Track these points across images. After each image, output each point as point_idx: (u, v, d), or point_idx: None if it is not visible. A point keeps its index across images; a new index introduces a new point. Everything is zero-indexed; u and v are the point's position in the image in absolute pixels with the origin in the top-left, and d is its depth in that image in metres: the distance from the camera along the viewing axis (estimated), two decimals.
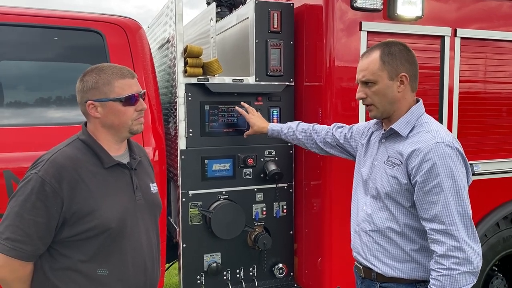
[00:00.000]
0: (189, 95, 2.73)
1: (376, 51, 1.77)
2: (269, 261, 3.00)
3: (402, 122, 1.77)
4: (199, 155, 2.78)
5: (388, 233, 1.79)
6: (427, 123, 1.75)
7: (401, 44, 1.80)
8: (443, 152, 1.62)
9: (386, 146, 1.84)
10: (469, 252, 1.58)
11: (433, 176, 1.61)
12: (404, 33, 2.81)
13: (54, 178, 1.53)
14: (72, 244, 1.59)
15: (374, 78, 1.76)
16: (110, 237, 1.62)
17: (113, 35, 2.67)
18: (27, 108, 2.51)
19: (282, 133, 2.57)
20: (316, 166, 2.88)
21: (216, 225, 2.74)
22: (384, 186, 1.79)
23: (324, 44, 2.75)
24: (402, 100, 1.78)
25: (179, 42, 2.69)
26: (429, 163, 1.62)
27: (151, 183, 1.85)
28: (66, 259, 1.60)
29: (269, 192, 2.96)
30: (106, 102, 1.64)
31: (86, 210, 1.57)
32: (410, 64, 1.77)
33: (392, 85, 1.75)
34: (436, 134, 1.68)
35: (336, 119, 2.73)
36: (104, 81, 1.64)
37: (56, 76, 2.60)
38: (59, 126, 2.43)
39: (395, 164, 1.75)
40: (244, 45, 3.02)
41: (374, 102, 1.79)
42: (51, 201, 1.52)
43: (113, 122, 1.67)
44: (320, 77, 2.81)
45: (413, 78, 1.79)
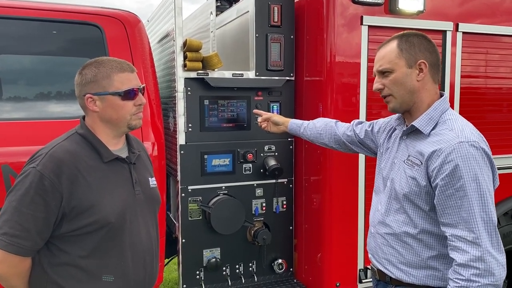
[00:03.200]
0: (188, 90, 2.71)
1: (394, 40, 1.69)
2: (268, 257, 2.99)
3: (424, 118, 1.64)
4: (199, 150, 2.76)
5: (404, 237, 1.69)
6: (450, 120, 1.62)
7: (421, 34, 1.71)
8: (466, 153, 1.50)
9: (407, 143, 1.73)
10: (492, 263, 1.46)
11: (456, 179, 1.50)
12: (405, 27, 2.74)
13: (53, 173, 1.51)
14: (72, 239, 1.58)
15: (391, 67, 1.66)
16: (110, 232, 1.60)
17: (112, 29, 2.63)
18: (24, 102, 2.48)
19: (302, 127, 2.44)
20: (316, 161, 2.86)
21: (215, 220, 2.72)
22: (403, 187, 1.68)
23: (325, 38, 2.73)
24: (423, 91, 1.66)
25: (179, 36, 2.66)
26: (451, 164, 1.50)
27: (150, 177, 1.83)
28: (65, 254, 1.59)
29: (269, 188, 2.94)
30: (105, 96, 1.62)
31: (86, 205, 1.55)
32: (430, 52, 1.67)
33: (411, 73, 1.64)
34: (460, 133, 1.55)
35: (337, 115, 2.71)
36: (103, 74, 1.62)
37: (53, 70, 2.57)
38: (57, 121, 2.41)
39: (415, 164, 1.64)
40: (244, 39, 3.00)
41: (392, 92, 1.68)
42: (50, 196, 1.51)
43: (111, 117, 1.65)
44: (320, 72, 2.79)
45: (434, 68, 1.67)
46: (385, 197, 1.79)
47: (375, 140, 2.09)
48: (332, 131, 2.31)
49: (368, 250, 1.95)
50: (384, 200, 1.80)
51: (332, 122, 2.36)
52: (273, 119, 2.56)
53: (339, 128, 2.29)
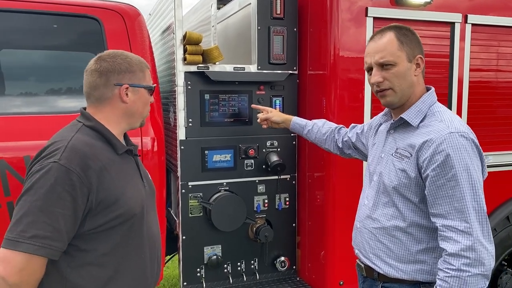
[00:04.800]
0: (188, 84, 2.66)
1: (390, 32, 1.65)
2: (271, 254, 2.95)
3: (413, 111, 1.64)
4: (199, 146, 2.71)
5: (393, 231, 1.68)
6: (439, 112, 1.62)
7: (409, 28, 1.70)
8: (457, 143, 1.50)
9: (395, 137, 1.72)
10: (482, 253, 1.45)
11: (448, 168, 1.49)
12: (412, 19, 2.71)
13: (79, 167, 1.42)
14: (94, 236, 1.49)
15: (394, 59, 1.62)
16: (133, 225, 1.57)
17: (111, 22, 2.59)
18: (21, 96, 2.44)
19: (305, 129, 2.39)
20: (319, 157, 2.80)
21: (216, 217, 2.68)
22: (392, 180, 1.67)
23: (329, 31, 2.66)
24: (417, 85, 1.67)
25: (178, 29, 2.61)
26: (442, 154, 1.50)
27: (147, 169, 1.85)
28: (86, 254, 1.49)
29: (271, 184, 2.89)
30: (139, 89, 1.62)
31: (112, 198, 1.49)
32: (421, 48, 1.68)
33: (411, 67, 1.64)
34: (450, 124, 1.55)
35: (341, 110, 2.66)
36: (138, 67, 1.62)
37: (50, 64, 2.53)
38: (54, 115, 2.37)
39: (404, 156, 1.63)
40: (246, 32, 2.94)
41: (393, 86, 1.64)
42: (77, 192, 1.41)
43: (138, 110, 1.65)
44: (324, 65, 2.73)
45: (424, 62, 1.69)
46: (372, 191, 1.78)
47: (365, 141, 2.07)
48: (335, 138, 2.31)
49: (354, 245, 1.92)
50: (371, 194, 1.78)
51: (335, 128, 2.34)
52: (273, 120, 2.50)
53: (340, 135, 2.29)
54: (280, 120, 2.49)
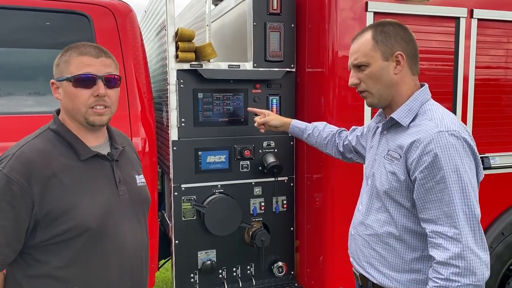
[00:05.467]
0: (181, 82, 2.57)
1: (368, 31, 1.60)
2: (268, 259, 2.85)
3: (403, 110, 1.57)
4: (192, 147, 2.62)
5: (386, 238, 1.60)
6: (430, 110, 1.54)
7: (396, 23, 1.61)
8: (446, 142, 1.41)
9: (388, 138, 1.65)
10: (473, 261, 1.36)
11: (436, 170, 1.41)
12: (414, 14, 2.61)
13: (21, 175, 1.35)
14: (48, 248, 1.41)
15: (367, 60, 1.58)
16: (90, 239, 1.44)
17: (101, 19, 2.50)
18: (1, 96, 2.35)
19: (305, 133, 2.30)
20: (318, 158, 2.71)
21: (210, 221, 2.59)
22: (383, 183, 1.59)
23: (327, 27, 2.57)
24: (401, 84, 1.58)
25: (170, 25, 2.51)
26: (430, 155, 1.42)
27: (137, 175, 1.67)
28: (42, 265, 1.42)
29: (268, 186, 2.80)
30: (61, 82, 1.47)
31: (61, 209, 1.39)
32: (406, 43, 1.58)
33: (388, 66, 1.57)
34: (440, 122, 1.47)
35: (340, 109, 2.58)
36: (64, 58, 1.47)
37: (34, 62, 2.43)
38: (33, 116, 2.27)
39: (394, 158, 1.56)
40: (242, 29, 2.85)
41: (368, 88, 1.60)
42: (19, 202, 1.34)
43: (68, 107, 1.48)
44: (322, 63, 2.63)
45: (411, 59, 1.59)
46: (366, 196, 1.71)
47: (365, 144, 1.97)
48: (336, 142, 2.21)
49: (349, 253, 1.84)
50: (365, 199, 1.72)
51: (336, 131, 2.24)
52: (271, 124, 2.39)
53: (341, 139, 2.20)
54: (278, 124, 2.39)
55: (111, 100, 1.49)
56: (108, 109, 1.49)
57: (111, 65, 1.51)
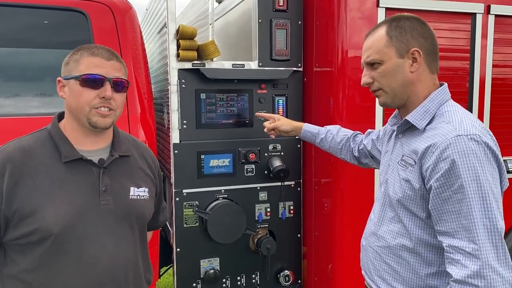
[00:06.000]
0: (182, 82, 2.46)
1: (382, 26, 1.49)
2: (274, 267, 2.74)
3: (419, 111, 1.45)
4: (195, 150, 2.52)
5: (399, 251, 1.48)
6: (449, 111, 1.42)
7: (413, 17, 1.49)
8: (465, 147, 1.29)
9: (403, 142, 1.53)
10: (494, 280, 1.23)
11: (453, 178, 1.29)
12: (428, 10, 2.51)
13: None
14: (18, 248, 1.41)
15: (380, 57, 1.47)
16: (54, 245, 1.38)
17: (99, 16, 2.39)
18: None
19: (318, 137, 2.17)
20: (327, 161, 2.60)
21: (213, 228, 2.48)
22: (396, 191, 1.48)
23: (337, 23, 2.46)
24: (418, 83, 1.47)
25: (171, 22, 2.40)
26: (447, 162, 1.30)
27: (136, 187, 1.55)
28: (14, 265, 1.41)
29: (274, 191, 2.69)
30: (69, 80, 1.46)
31: (28, 210, 1.36)
32: (424, 38, 1.46)
33: (403, 63, 1.45)
34: (459, 125, 1.34)
35: (349, 110, 2.47)
36: (75, 57, 1.47)
37: (30, 62, 2.32)
38: (32, 117, 2.17)
39: (408, 164, 1.44)
40: (247, 27, 2.75)
41: (382, 86, 1.49)
42: None
43: (71, 105, 1.47)
44: (331, 61, 2.52)
45: (430, 56, 1.47)
46: (378, 205, 1.61)
47: (381, 148, 1.83)
48: (350, 147, 2.08)
49: (361, 266, 1.72)
50: (377, 207, 1.61)
51: (351, 135, 2.11)
52: (282, 129, 2.26)
53: (356, 143, 2.07)
54: (289, 129, 2.26)
55: (116, 104, 1.47)
56: (112, 112, 1.47)
57: (120, 69, 1.50)
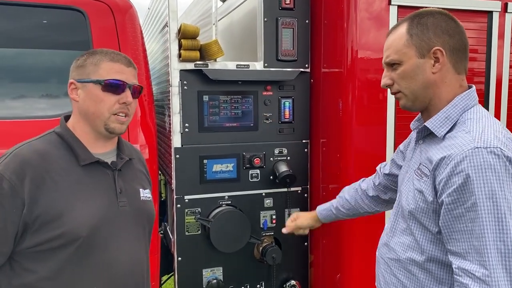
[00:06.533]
0: (184, 84, 2.37)
1: (404, 24, 1.40)
2: (279, 277, 2.63)
3: (440, 117, 1.36)
4: (197, 154, 2.42)
5: (409, 265, 1.40)
6: (472, 119, 1.31)
7: (440, 13, 1.39)
8: (482, 161, 1.18)
9: (422, 149, 1.44)
10: None
11: (467, 195, 1.19)
12: (442, 7, 2.32)
13: (15, 174, 1.33)
14: (36, 256, 1.36)
15: (399, 58, 1.38)
16: (80, 249, 1.38)
17: (98, 15, 2.31)
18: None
19: (334, 209, 2.03)
20: (335, 166, 2.50)
21: (216, 236, 2.38)
22: (409, 202, 1.40)
23: (346, 22, 2.36)
24: (441, 85, 1.36)
25: (172, 21, 2.31)
26: (460, 176, 1.20)
27: (142, 189, 1.62)
28: (28, 274, 1.37)
29: (280, 197, 2.59)
30: (87, 84, 1.45)
31: (53, 214, 1.34)
32: (450, 36, 1.35)
33: (424, 64, 1.36)
34: (479, 136, 1.23)
35: (359, 113, 2.36)
36: (92, 60, 1.47)
37: (26, 62, 2.24)
38: (26, 120, 2.08)
39: (423, 174, 1.35)
40: (252, 26, 2.66)
41: (401, 89, 1.40)
42: (8, 201, 1.31)
43: (88, 109, 1.45)
44: (340, 62, 2.42)
45: (456, 55, 1.36)
46: (392, 214, 1.54)
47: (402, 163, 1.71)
48: (364, 195, 1.93)
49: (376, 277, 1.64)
50: (391, 217, 1.54)
51: (358, 185, 1.97)
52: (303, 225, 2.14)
53: (367, 185, 1.92)
54: (310, 222, 2.12)
55: (132, 110, 1.51)
56: (128, 118, 1.50)
57: (135, 76, 1.54)
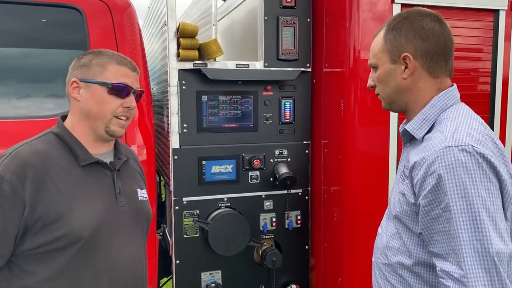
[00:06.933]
0: (183, 83, 2.34)
1: (384, 27, 1.41)
2: (279, 281, 2.60)
3: (418, 119, 1.36)
4: (196, 155, 2.40)
5: (399, 269, 1.38)
6: (447, 119, 1.30)
7: (420, 14, 1.35)
8: (453, 160, 1.17)
9: (408, 151, 1.43)
10: None
11: (441, 195, 1.18)
12: (447, 6, 2.37)
13: (15, 175, 1.32)
14: (36, 258, 1.36)
15: (376, 62, 1.41)
16: (82, 249, 1.39)
17: (95, 13, 2.27)
18: None
19: None
20: (337, 168, 2.46)
21: (214, 239, 2.34)
22: (395, 205, 1.39)
23: (348, 21, 2.32)
24: (414, 90, 1.36)
25: (171, 20, 2.27)
26: (433, 177, 1.19)
27: (140, 189, 1.63)
28: (28, 276, 1.36)
29: (280, 200, 2.55)
30: (92, 84, 1.45)
31: (54, 215, 1.34)
32: (423, 39, 1.32)
33: (395, 69, 1.36)
34: (451, 135, 1.21)
35: (362, 113, 2.32)
36: (98, 61, 1.47)
37: (21, 62, 2.20)
38: (22, 120, 2.05)
39: (405, 176, 1.35)
40: (252, 25, 2.62)
41: (379, 91, 1.43)
42: (9, 203, 1.30)
43: (91, 109, 1.45)
44: (342, 61, 2.38)
45: (430, 58, 1.33)
46: (384, 219, 1.54)
47: None
48: None
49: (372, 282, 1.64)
50: (383, 222, 1.54)
51: None
52: None
53: None
54: None
55: (132, 114, 1.52)
56: (128, 121, 1.51)
57: (138, 81, 1.55)
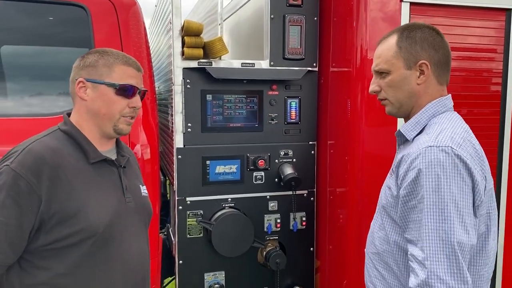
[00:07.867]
0: (187, 82, 2.32)
1: (394, 35, 1.52)
2: (283, 283, 2.58)
3: (411, 122, 1.51)
4: (200, 155, 2.38)
5: (386, 257, 1.52)
6: (435, 123, 1.45)
7: (428, 27, 1.51)
8: (433, 158, 1.32)
9: (400, 152, 1.55)
10: None
11: (418, 188, 1.35)
12: (457, 5, 2.32)
13: (30, 172, 1.33)
14: (50, 253, 1.38)
15: (388, 67, 1.50)
16: (95, 244, 1.41)
17: (100, 11, 2.26)
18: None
19: None
20: (343, 170, 2.43)
21: (217, 240, 2.33)
22: (382, 198, 1.56)
23: (356, 20, 2.29)
24: (424, 95, 1.50)
25: (176, 17, 2.25)
26: (414, 171, 1.35)
27: (141, 185, 1.67)
28: (41, 272, 1.38)
29: (285, 201, 2.53)
30: (99, 85, 1.47)
31: (69, 211, 1.37)
32: (435, 50, 1.48)
33: (410, 75, 1.48)
34: (435, 137, 1.37)
35: (369, 113, 2.28)
36: (105, 62, 1.49)
37: (25, 60, 2.20)
38: (32, 118, 2.04)
39: (393, 172, 1.51)
40: (259, 24, 2.59)
41: (388, 96, 1.52)
42: (25, 199, 1.32)
43: (99, 109, 1.48)
44: (349, 61, 2.35)
45: (440, 68, 1.49)
46: (376, 212, 1.66)
47: None
48: None
49: None
50: (375, 215, 1.67)
51: None
52: None
53: None
54: None
55: (137, 112, 1.55)
56: (133, 119, 1.54)
57: (142, 80, 1.58)
